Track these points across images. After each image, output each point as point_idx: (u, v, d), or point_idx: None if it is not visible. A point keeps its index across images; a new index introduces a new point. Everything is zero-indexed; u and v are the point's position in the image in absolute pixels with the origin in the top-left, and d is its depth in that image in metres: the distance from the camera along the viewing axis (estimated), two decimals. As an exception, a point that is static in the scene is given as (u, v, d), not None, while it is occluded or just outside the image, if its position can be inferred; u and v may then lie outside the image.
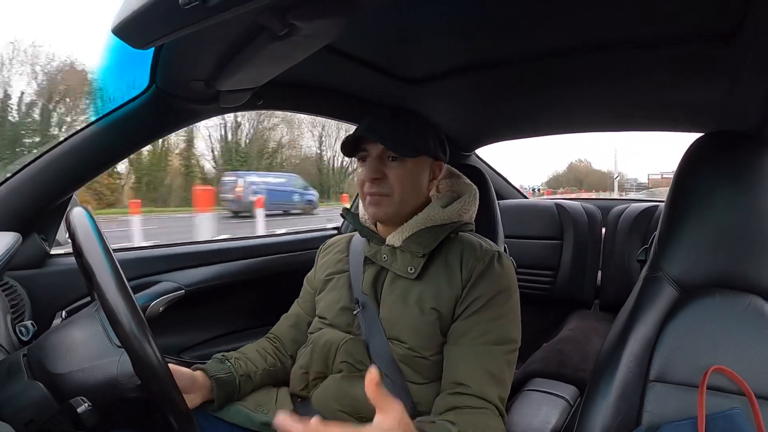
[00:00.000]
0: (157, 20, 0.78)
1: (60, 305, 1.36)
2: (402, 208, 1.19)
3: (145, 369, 0.80)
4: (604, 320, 2.29)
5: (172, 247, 1.75)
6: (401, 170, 1.18)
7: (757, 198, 1.10)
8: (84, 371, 0.89)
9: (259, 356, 1.30)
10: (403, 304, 1.15)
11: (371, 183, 1.18)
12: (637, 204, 2.55)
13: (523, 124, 2.40)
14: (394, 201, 1.18)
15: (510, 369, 1.11)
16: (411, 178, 1.19)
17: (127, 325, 0.78)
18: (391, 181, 1.18)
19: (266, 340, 1.38)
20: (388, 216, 1.20)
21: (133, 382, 0.87)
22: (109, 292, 0.79)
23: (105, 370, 0.89)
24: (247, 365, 1.25)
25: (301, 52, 1.01)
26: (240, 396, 1.22)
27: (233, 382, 1.20)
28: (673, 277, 1.18)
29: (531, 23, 1.23)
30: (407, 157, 1.18)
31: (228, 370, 1.21)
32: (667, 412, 1.08)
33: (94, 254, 0.84)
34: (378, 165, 1.18)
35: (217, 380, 1.17)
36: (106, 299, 0.79)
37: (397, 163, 1.18)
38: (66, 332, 0.97)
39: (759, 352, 1.05)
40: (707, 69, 1.40)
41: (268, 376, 1.29)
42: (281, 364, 1.32)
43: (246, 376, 1.23)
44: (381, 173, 1.17)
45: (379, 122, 1.19)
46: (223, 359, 1.24)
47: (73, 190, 1.28)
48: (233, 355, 1.27)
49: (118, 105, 1.21)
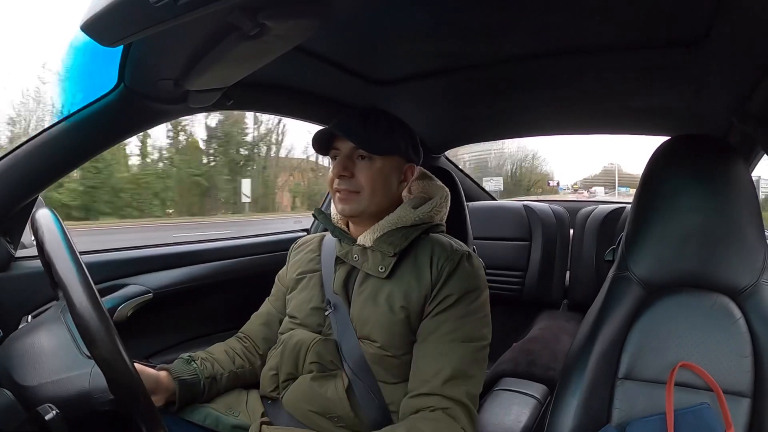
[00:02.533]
0: (126, 18, 0.77)
1: (26, 309, 1.32)
2: (370, 206, 1.20)
3: (119, 385, 0.79)
4: (572, 320, 2.32)
5: (139, 250, 1.72)
6: (370, 169, 1.19)
7: (722, 200, 1.13)
8: (55, 384, 0.88)
9: (227, 357, 1.29)
10: (373, 303, 1.16)
11: (339, 179, 1.19)
12: (604, 206, 2.60)
13: (492, 126, 2.43)
14: (363, 198, 1.19)
15: (480, 366, 1.11)
16: (380, 177, 1.20)
17: (98, 337, 0.76)
18: (360, 179, 1.19)
19: (236, 340, 1.37)
20: (355, 213, 1.20)
21: (106, 397, 0.86)
22: (76, 295, 0.78)
23: (77, 384, 0.88)
24: (213, 367, 1.24)
25: (272, 52, 1.01)
26: (206, 398, 1.21)
27: (198, 384, 1.19)
28: (640, 277, 1.20)
29: (501, 28, 1.24)
30: (376, 156, 1.19)
31: (193, 372, 1.20)
32: (636, 408, 1.10)
33: (60, 257, 0.82)
34: (347, 162, 1.19)
35: (181, 382, 1.16)
36: (74, 304, 0.77)
37: (367, 161, 1.19)
38: (33, 339, 0.95)
39: (725, 349, 1.08)
40: (674, 75, 1.44)
41: (235, 378, 1.28)
42: (250, 366, 1.31)
43: (212, 379, 1.22)
44: (349, 171, 1.19)
45: (350, 121, 1.20)
46: (189, 360, 1.22)
47: (39, 191, 1.25)
48: (200, 355, 1.26)
49: (85, 104, 1.19)
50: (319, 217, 1.32)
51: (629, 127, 2.26)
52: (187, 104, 1.26)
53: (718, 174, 1.15)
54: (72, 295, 0.78)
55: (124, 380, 0.78)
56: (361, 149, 1.18)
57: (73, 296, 0.78)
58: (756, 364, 1.06)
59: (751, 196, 1.14)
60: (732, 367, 1.07)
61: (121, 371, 0.78)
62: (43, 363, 0.89)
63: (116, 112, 1.21)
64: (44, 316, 1.02)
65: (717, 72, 1.34)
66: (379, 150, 1.19)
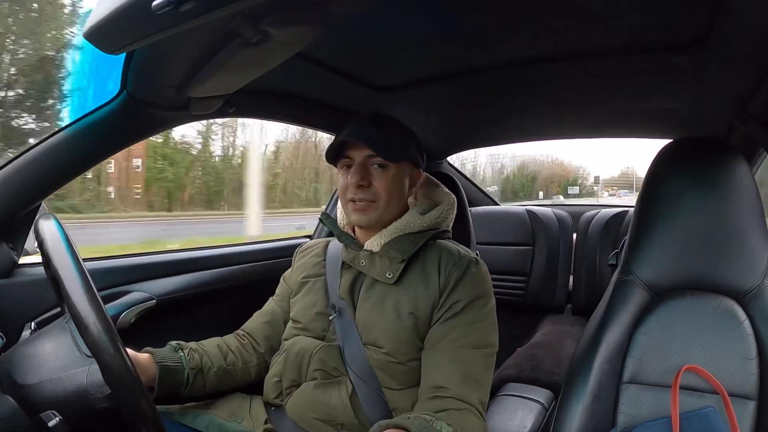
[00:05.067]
0: (129, 25, 0.77)
1: (29, 316, 1.32)
2: (385, 214, 1.20)
3: (114, 376, 0.79)
4: (576, 324, 2.32)
5: (143, 257, 1.72)
6: (386, 177, 1.18)
7: (724, 202, 1.13)
8: (53, 381, 0.88)
9: (219, 352, 1.26)
10: (380, 309, 1.16)
11: (357, 189, 1.18)
12: (607, 209, 2.59)
13: (494, 131, 2.43)
14: (380, 207, 1.19)
15: (488, 373, 1.11)
16: (395, 184, 1.20)
17: (96, 333, 0.77)
18: (377, 188, 1.18)
19: (233, 337, 1.35)
20: (371, 223, 1.20)
21: (103, 392, 0.86)
22: (79, 301, 0.78)
23: (74, 380, 0.88)
24: (202, 359, 1.22)
25: (274, 59, 1.01)
26: (189, 391, 1.19)
27: (181, 373, 1.16)
28: (643, 281, 1.20)
29: (502, 33, 1.24)
30: (390, 163, 1.18)
31: (179, 360, 1.17)
32: (641, 412, 1.10)
33: (63, 263, 0.83)
34: (363, 171, 1.18)
35: (163, 367, 1.13)
36: (76, 308, 0.78)
37: (382, 169, 1.18)
38: (36, 344, 0.95)
39: (730, 352, 1.07)
40: (674, 78, 1.43)
41: (224, 374, 1.25)
42: (243, 364, 1.29)
43: (198, 370, 1.20)
44: (367, 180, 1.18)
45: (365, 128, 1.19)
46: (177, 347, 1.20)
47: (42, 198, 1.25)
48: (191, 345, 1.24)
49: (88, 111, 1.20)
50: (326, 222, 1.32)
51: (631, 130, 2.25)
52: (189, 111, 1.26)
53: (720, 176, 1.15)
54: (75, 302, 0.78)
55: (128, 385, 0.79)
56: (380, 157, 1.17)
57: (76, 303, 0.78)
58: (761, 367, 1.05)
59: (754, 197, 1.14)
60: (737, 369, 1.06)
61: (125, 378, 0.78)
62: (43, 364, 0.90)
63: (119, 120, 1.22)
64: (50, 326, 1.02)
65: (718, 74, 1.34)
66: (396, 157, 1.18)
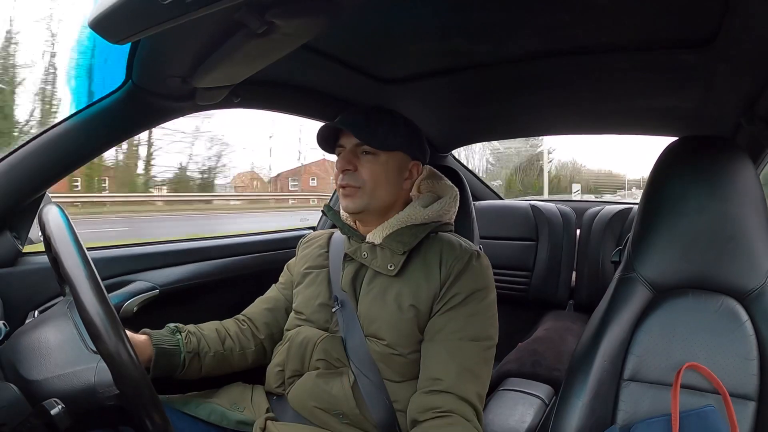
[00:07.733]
0: (135, 15, 0.77)
1: (33, 305, 1.32)
2: (372, 201, 1.20)
3: (123, 379, 0.79)
4: (578, 320, 2.31)
5: (146, 246, 1.72)
6: (373, 164, 1.20)
7: (728, 202, 1.13)
8: (60, 378, 0.88)
9: (217, 337, 1.27)
10: (381, 301, 1.16)
11: (343, 174, 1.20)
12: (611, 206, 2.59)
13: (500, 125, 2.42)
14: (365, 193, 1.20)
15: (487, 366, 1.12)
16: (382, 172, 1.21)
17: (104, 332, 0.77)
18: (363, 174, 1.19)
19: (233, 321, 1.36)
20: (359, 208, 1.21)
21: (111, 391, 0.86)
22: (83, 291, 0.78)
23: (82, 378, 0.88)
24: (199, 343, 1.23)
25: (280, 50, 1.01)
26: (185, 374, 1.20)
27: (177, 356, 1.17)
28: (646, 278, 1.20)
29: (508, 27, 1.24)
30: (380, 151, 1.20)
31: (175, 343, 1.18)
32: (641, 410, 1.10)
33: (67, 252, 0.83)
34: (350, 157, 1.20)
35: (159, 349, 1.14)
36: (80, 299, 0.78)
37: (370, 156, 1.20)
38: (39, 334, 0.95)
39: (731, 352, 1.07)
40: (681, 76, 1.43)
41: (221, 359, 1.26)
42: (240, 350, 1.30)
43: (194, 354, 1.21)
44: (353, 165, 1.20)
45: (353, 116, 1.21)
46: (175, 330, 1.21)
47: (47, 187, 1.26)
48: (189, 328, 1.25)
49: (93, 101, 1.20)
50: (329, 214, 1.33)
51: (636, 127, 2.24)
52: (194, 102, 1.27)
53: (725, 175, 1.15)
54: (78, 291, 0.78)
55: (130, 375, 0.79)
56: (365, 144, 1.19)
57: (80, 291, 0.78)
58: (762, 367, 1.05)
59: (758, 197, 1.14)
60: (738, 369, 1.06)
61: (126, 366, 0.78)
62: (48, 358, 0.90)
63: (124, 109, 1.22)
64: (51, 312, 1.02)
65: (725, 73, 1.33)
66: (383, 145, 1.20)
